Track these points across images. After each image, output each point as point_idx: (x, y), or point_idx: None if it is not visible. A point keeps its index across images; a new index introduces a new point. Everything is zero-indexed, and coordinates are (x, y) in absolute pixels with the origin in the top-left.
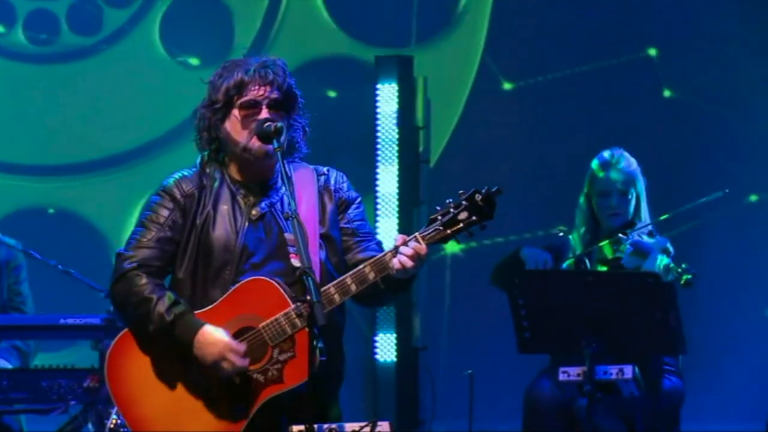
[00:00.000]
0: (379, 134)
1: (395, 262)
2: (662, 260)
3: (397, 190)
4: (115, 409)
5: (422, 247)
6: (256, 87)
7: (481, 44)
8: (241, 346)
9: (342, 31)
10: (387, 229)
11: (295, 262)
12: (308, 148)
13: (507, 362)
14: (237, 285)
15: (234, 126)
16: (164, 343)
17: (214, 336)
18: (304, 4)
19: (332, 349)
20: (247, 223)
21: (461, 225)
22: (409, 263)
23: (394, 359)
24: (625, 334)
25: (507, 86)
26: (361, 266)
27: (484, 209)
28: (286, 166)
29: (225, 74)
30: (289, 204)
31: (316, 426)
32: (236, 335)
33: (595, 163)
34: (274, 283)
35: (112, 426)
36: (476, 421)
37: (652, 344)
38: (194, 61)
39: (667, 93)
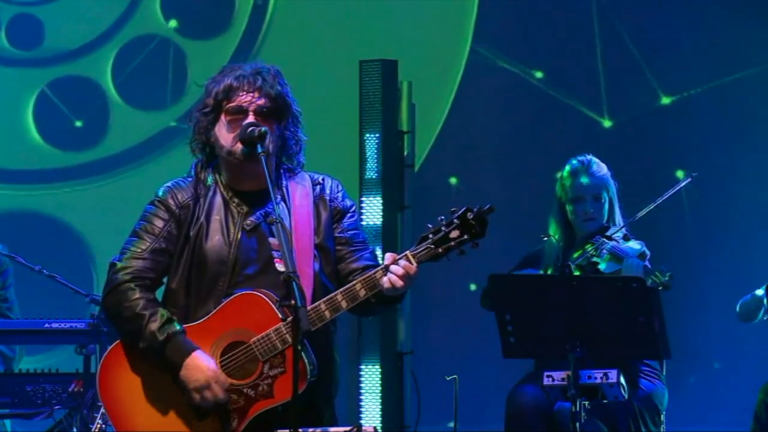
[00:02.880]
0: (362, 138)
1: (385, 281)
2: (639, 264)
3: (380, 195)
4: (100, 413)
5: (412, 267)
6: (243, 93)
7: (466, 48)
8: (227, 380)
9: (325, 35)
10: (370, 234)
11: (280, 266)
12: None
13: (492, 366)
14: (228, 299)
15: (221, 130)
16: (153, 360)
17: (203, 363)
18: (289, 9)
19: (324, 358)
20: (240, 234)
21: (452, 243)
22: (399, 282)
23: (379, 363)
24: (609, 339)
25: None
26: (352, 283)
27: (476, 228)
28: (272, 171)
29: (218, 78)
30: (275, 209)
31: (300, 430)
32: (227, 350)
33: (565, 170)
34: (265, 297)
35: (96, 431)
36: (462, 424)
37: (636, 349)
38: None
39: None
